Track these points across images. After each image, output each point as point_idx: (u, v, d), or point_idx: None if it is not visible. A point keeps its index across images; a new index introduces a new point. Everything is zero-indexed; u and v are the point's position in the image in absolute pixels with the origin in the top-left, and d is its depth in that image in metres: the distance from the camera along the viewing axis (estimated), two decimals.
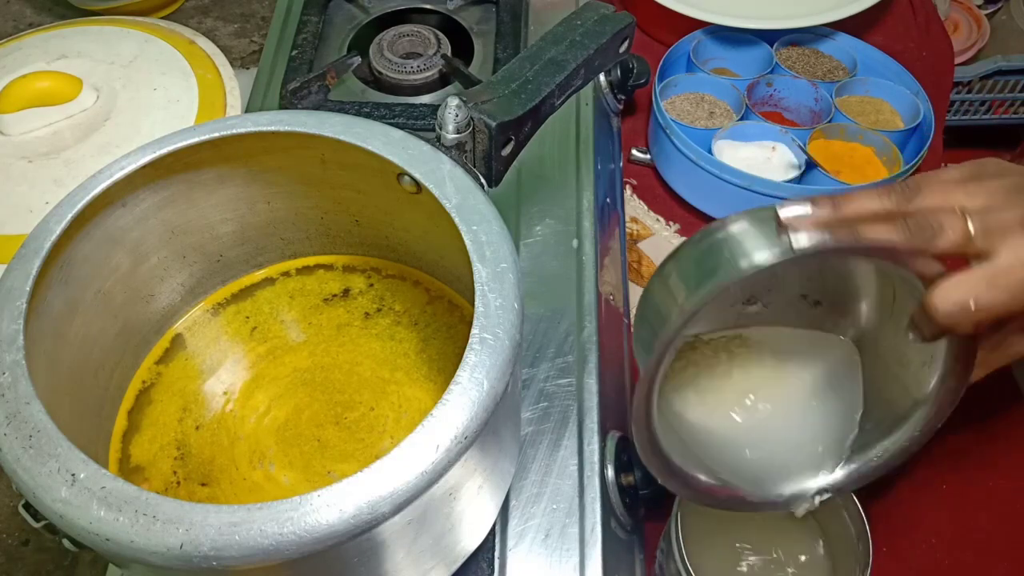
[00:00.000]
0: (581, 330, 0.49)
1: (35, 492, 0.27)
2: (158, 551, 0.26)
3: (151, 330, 0.42)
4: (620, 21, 0.45)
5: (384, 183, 0.37)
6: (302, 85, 0.58)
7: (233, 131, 0.36)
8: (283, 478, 0.38)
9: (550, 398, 0.46)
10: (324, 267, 0.46)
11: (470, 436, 0.28)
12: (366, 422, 0.40)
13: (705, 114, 0.70)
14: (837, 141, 0.68)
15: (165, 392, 0.41)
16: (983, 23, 1.07)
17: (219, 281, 0.44)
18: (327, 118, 0.36)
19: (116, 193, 0.36)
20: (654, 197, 0.71)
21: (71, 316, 0.35)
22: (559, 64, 0.42)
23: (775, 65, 0.71)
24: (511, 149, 0.40)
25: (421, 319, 0.43)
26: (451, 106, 0.37)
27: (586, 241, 0.53)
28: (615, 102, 0.67)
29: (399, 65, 0.61)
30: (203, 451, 0.39)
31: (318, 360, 0.42)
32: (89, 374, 0.37)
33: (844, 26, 0.72)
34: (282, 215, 0.43)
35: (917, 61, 0.76)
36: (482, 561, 0.41)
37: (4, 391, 0.29)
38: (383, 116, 0.58)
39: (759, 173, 0.63)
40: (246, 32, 0.74)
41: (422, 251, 0.43)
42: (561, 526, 0.42)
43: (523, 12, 0.66)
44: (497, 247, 0.32)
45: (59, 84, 0.58)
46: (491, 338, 0.30)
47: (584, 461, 0.44)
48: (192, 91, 0.61)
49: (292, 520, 0.26)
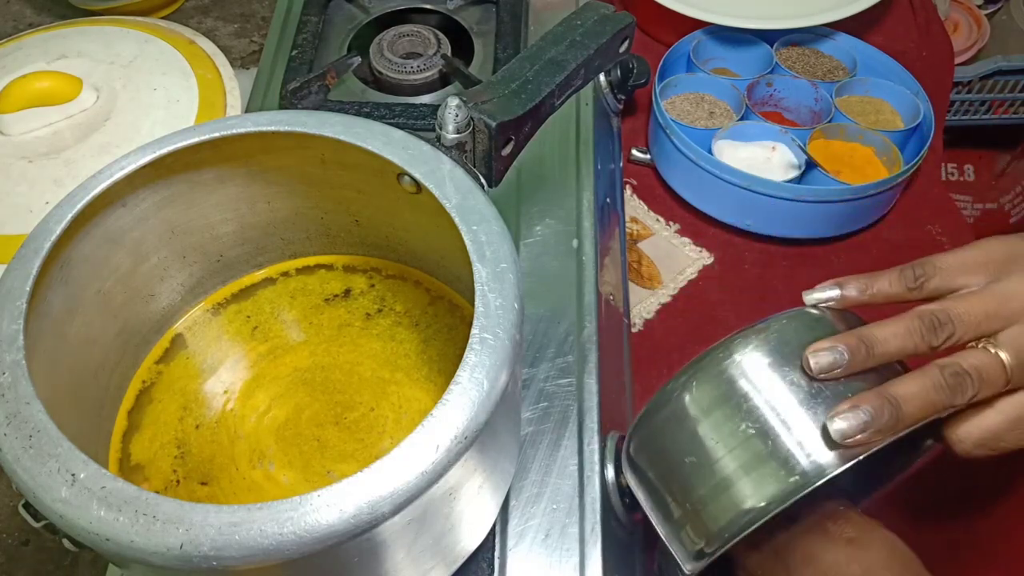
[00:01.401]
0: (581, 330, 0.49)
1: (35, 492, 0.27)
2: (158, 551, 0.26)
3: (151, 330, 0.42)
4: (620, 21, 0.45)
5: (384, 183, 0.37)
6: (302, 85, 0.58)
7: (233, 131, 0.36)
8: (283, 478, 0.38)
9: (550, 398, 0.46)
10: (325, 267, 0.46)
11: (470, 436, 0.28)
12: (366, 422, 0.40)
13: (705, 114, 0.70)
14: (837, 141, 0.68)
15: (166, 391, 0.41)
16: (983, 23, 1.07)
17: (219, 281, 0.44)
18: (327, 118, 0.36)
19: (116, 193, 0.36)
20: (654, 197, 0.71)
21: (71, 316, 0.35)
22: (559, 64, 0.42)
23: (775, 65, 0.71)
24: (511, 149, 0.40)
25: (422, 320, 0.43)
26: (451, 106, 0.37)
27: (586, 241, 0.53)
28: (615, 102, 0.67)
29: (399, 65, 0.61)
30: (203, 450, 0.39)
31: (319, 360, 0.42)
32: (89, 374, 0.37)
33: (844, 26, 0.72)
34: (282, 215, 0.43)
35: (917, 61, 0.76)
36: (482, 561, 0.41)
37: (4, 391, 0.29)
38: (383, 116, 0.58)
39: (759, 173, 0.63)
40: (246, 32, 0.74)
41: (422, 251, 0.43)
42: (561, 526, 0.42)
43: (523, 12, 0.66)
44: (497, 247, 0.32)
45: (59, 84, 0.58)
46: (491, 338, 0.30)
47: (584, 461, 0.44)
48: (192, 91, 0.61)
49: (292, 520, 0.26)
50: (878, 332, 0.35)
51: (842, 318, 0.37)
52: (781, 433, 0.34)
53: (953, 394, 0.34)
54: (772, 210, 0.64)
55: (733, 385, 0.35)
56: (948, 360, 0.35)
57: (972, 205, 1.13)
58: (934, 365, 0.34)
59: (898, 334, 0.35)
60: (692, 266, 0.66)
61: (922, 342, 0.35)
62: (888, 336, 0.35)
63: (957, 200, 1.10)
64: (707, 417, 0.35)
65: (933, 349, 0.35)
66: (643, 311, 0.64)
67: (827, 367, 0.34)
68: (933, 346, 0.35)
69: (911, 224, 0.69)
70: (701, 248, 0.67)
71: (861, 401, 0.33)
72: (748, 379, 0.35)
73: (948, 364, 0.34)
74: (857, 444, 0.33)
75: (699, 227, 0.68)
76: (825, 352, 0.34)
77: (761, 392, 0.35)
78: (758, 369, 0.35)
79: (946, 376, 0.34)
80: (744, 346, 0.36)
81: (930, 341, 0.35)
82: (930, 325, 0.35)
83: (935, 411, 0.34)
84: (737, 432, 0.34)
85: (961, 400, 0.34)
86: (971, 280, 0.36)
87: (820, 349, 0.34)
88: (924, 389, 0.34)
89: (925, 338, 0.35)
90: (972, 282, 0.36)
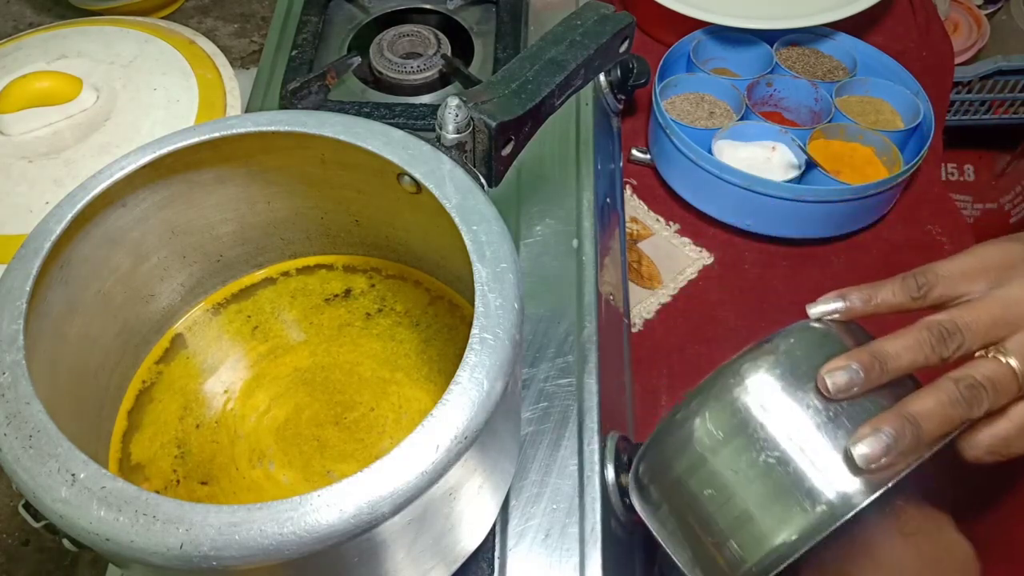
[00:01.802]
0: (581, 330, 0.49)
1: (35, 492, 0.27)
2: (158, 551, 0.26)
3: (151, 330, 0.42)
4: (620, 21, 0.45)
5: (384, 183, 0.37)
6: (302, 85, 0.58)
7: (233, 131, 0.36)
8: (282, 477, 0.38)
9: (550, 398, 0.46)
10: (325, 267, 0.46)
11: (470, 436, 0.28)
12: (366, 422, 0.40)
13: (705, 114, 0.70)
14: (837, 141, 0.68)
15: (166, 391, 0.41)
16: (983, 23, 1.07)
17: (219, 281, 0.44)
18: (327, 118, 0.36)
19: (116, 193, 0.36)
20: (654, 197, 0.71)
21: (71, 316, 0.35)
22: (559, 64, 0.42)
23: (775, 65, 0.71)
24: (511, 149, 0.40)
25: (422, 320, 0.43)
26: (451, 106, 0.37)
27: (586, 241, 0.53)
28: (615, 102, 0.67)
29: (399, 65, 0.61)
30: (203, 450, 0.39)
31: (319, 360, 0.42)
32: (89, 374, 0.37)
33: (844, 26, 0.72)
34: (282, 215, 0.43)
35: (917, 61, 0.76)
36: (482, 561, 0.41)
37: (4, 391, 0.29)
38: (383, 116, 0.58)
39: (759, 173, 0.63)
40: (246, 32, 0.74)
41: (422, 251, 0.43)
42: (561, 526, 0.42)
43: (523, 12, 0.66)
44: (497, 247, 0.32)
45: (59, 84, 0.58)
46: (491, 338, 0.30)
47: (584, 461, 0.44)
48: (192, 91, 0.61)
49: (292, 520, 0.26)
50: (889, 347, 0.34)
51: (848, 331, 0.37)
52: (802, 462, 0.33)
53: (970, 407, 0.33)
54: (772, 210, 0.64)
55: (748, 413, 0.34)
56: (961, 373, 0.34)
57: (972, 205, 1.13)
58: (948, 379, 0.34)
59: (909, 347, 0.34)
60: (692, 266, 0.66)
61: (933, 354, 0.34)
62: (900, 350, 0.34)
63: (957, 200, 1.10)
64: (723, 447, 0.35)
65: (944, 360, 0.35)
66: (643, 311, 0.64)
67: (844, 387, 0.33)
68: (944, 357, 0.34)
69: (911, 224, 0.69)
70: (701, 248, 0.67)
71: (881, 423, 0.33)
72: (762, 406, 0.34)
73: (962, 377, 0.34)
74: (881, 468, 0.32)
75: (699, 227, 0.68)
76: (840, 372, 0.33)
77: (777, 419, 0.34)
78: (771, 394, 0.34)
79: (961, 389, 0.33)
80: (755, 370, 0.35)
81: (940, 353, 0.34)
82: (939, 336, 0.34)
83: (953, 426, 0.34)
84: (757, 463, 0.34)
85: (978, 412, 0.34)
86: (973, 287, 0.36)
87: (834, 369, 0.34)
88: (941, 404, 0.33)
89: (936, 350, 0.34)
90: (974, 289, 0.36)
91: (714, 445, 0.35)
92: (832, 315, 0.37)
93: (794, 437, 0.34)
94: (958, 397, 0.33)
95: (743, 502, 0.34)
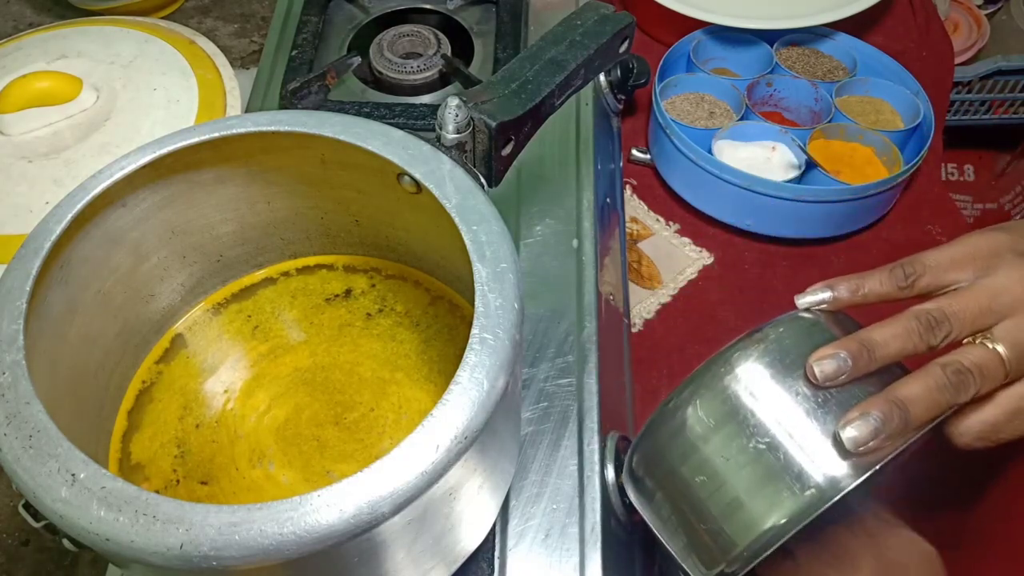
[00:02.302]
0: (581, 330, 0.49)
1: (35, 492, 0.27)
2: (158, 551, 0.26)
3: (151, 330, 0.42)
4: (620, 21, 0.45)
5: (384, 183, 0.37)
6: (302, 85, 0.58)
7: (233, 131, 0.36)
8: (282, 477, 0.38)
9: (550, 398, 0.46)
10: (325, 267, 0.46)
11: (470, 436, 0.28)
12: (366, 422, 0.40)
13: (705, 114, 0.70)
14: (837, 141, 0.68)
15: (166, 391, 0.41)
16: (983, 23, 1.07)
17: (219, 281, 0.44)
18: (327, 118, 0.36)
19: (116, 193, 0.36)
20: (654, 197, 0.71)
21: (71, 316, 0.35)
22: (559, 64, 0.42)
23: (775, 65, 0.71)
24: (511, 149, 0.40)
25: (422, 320, 0.43)
26: (451, 106, 0.37)
27: (586, 241, 0.53)
28: (615, 102, 0.67)
29: (399, 65, 0.61)
30: (203, 450, 0.39)
31: (319, 360, 0.42)
32: (89, 374, 0.37)
33: (844, 26, 0.72)
34: (282, 215, 0.43)
35: (917, 61, 0.76)
36: (482, 561, 0.41)
37: (4, 391, 0.29)
38: (383, 116, 0.58)
39: (759, 173, 0.63)
40: (246, 32, 0.74)
41: (423, 251, 0.43)
42: (561, 526, 0.42)
43: (523, 12, 0.66)
44: (497, 247, 0.32)
45: (59, 84, 0.58)
46: (491, 338, 0.30)
47: (584, 461, 0.44)
48: (192, 91, 0.61)
49: (292, 520, 0.26)
50: (877, 335, 0.35)
51: (836, 321, 0.37)
52: (791, 447, 0.34)
53: (957, 392, 0.34)
54: (772, 210, 0.64)
55: (738, 400, 0.35)
56: (949, 358, 0.35)
57: (972, 205, 1.13)
58: (935, 364, 0.35)
59: (897, 335, 0.35)
60: (692, 266, 0.66)
61: (921, 342, 0.35)
62: (888, 338, 0.35)
63: (957, 200, 1.10)
64: (715, 434, 0.35)
65: (931, 348, 0.35)
66: (643, 311, 0.64)
67: (832, 375, 0.34)
68: (932, 345, 0.35)
69: (911, 224, 0.69)
70: (701, 248, 0.67)
71: (869, 407, 0.33)
72: (752, 393, 0.35)
73: (949, 363, 0.34)
74: (869, 452, 0.33)
75: (699, 227, 0.68)
76: (828, 360, 0.34)
77: (767, 406, 0.35)
78: (761, 382, 0.35)
79: (948, 375, 0.34)
80: (744, 359, 0.35)
81: (928, 341, 0.35)
82: (927, 325, 0.35)
83: (941, 411, 0.34)
84: (747, 449, 0.34)
85: (964, 397, 0.34)
86: (960, 276, 0.36)
87: (823, 357, 0.34)
88: (928, 389, 0.34)
89: (924, 338, 0.35)
90: (961, 278, 0.36)
91: (705, 433, 0.35)
92: (820, 305, 0.37)
93: (783, 423, 0.34)
94: (945, 382, 0.34)
95: (734, 488, 0.34)
